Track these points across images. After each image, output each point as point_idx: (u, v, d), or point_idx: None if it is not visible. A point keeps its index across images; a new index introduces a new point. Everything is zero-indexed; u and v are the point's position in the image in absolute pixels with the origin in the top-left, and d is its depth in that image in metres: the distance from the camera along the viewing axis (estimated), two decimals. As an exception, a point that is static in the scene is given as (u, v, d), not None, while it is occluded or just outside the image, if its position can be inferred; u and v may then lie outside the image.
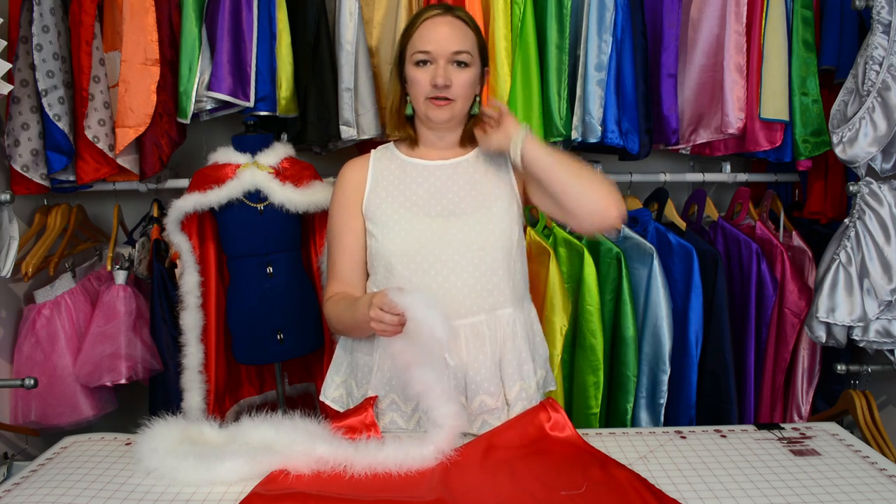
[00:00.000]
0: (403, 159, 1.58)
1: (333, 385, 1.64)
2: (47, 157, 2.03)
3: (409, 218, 1.50)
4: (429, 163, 1.57)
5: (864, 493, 1.23)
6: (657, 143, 2.25)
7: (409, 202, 1.52)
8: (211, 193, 1.89)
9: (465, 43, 1.48)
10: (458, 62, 1.47)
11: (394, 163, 1.59)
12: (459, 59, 1.47)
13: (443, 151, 1.58)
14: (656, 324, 2.11)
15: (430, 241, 1.48)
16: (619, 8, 2.11)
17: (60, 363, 2.12)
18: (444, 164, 1.57)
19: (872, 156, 1.92)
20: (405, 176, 1.56)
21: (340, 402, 1.63)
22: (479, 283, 1.48)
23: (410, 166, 1.57)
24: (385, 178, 1.57)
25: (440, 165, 1.56)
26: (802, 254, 2.27)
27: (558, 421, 1.44)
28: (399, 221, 1.51)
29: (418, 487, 1.23)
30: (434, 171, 1.56)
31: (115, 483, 1.28)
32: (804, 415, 2.25)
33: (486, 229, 1.49)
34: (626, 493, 1.21)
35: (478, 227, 1.49)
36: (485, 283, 1.49)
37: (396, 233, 1.50)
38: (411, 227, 1.50)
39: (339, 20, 2.14)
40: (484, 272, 1.48)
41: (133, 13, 1.98)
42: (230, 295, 2.00)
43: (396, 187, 1.55)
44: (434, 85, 1.46)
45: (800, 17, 2.17)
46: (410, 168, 1.57)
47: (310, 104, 2.15)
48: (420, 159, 1.58)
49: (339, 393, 1.63)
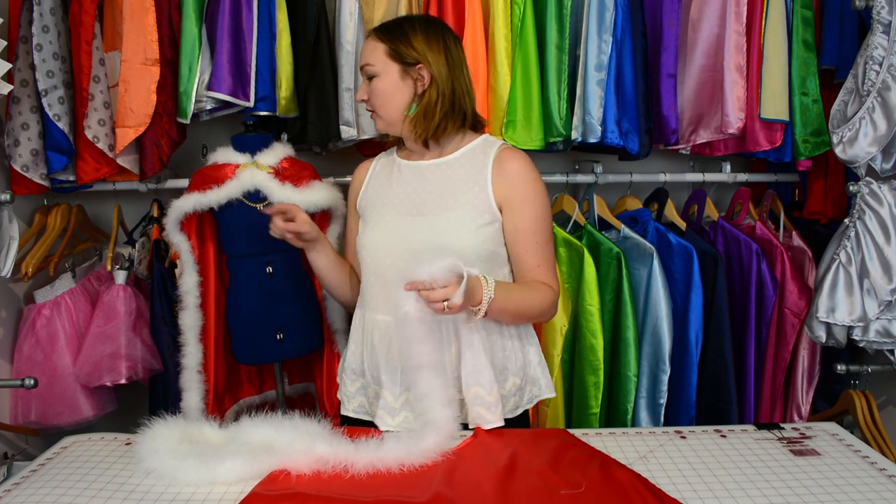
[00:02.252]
0: (396, 159, 1.65)
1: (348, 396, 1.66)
2: (47, 157, 2.03)
3: (384, 215, 1.58)
4: (409, 163, 1.62)
5: (864, 493, 1.23)
6: (657, 143, 2.25)
7: (388, 201, 1.59)
8: (210, 193, 1.89)
9: (370, 56, 1.54)
10: (368, 77, 1.56)
11: (389, 163, 1.66)
12: (367, 72, 1.55)
13: (422, 153, 1.60)
14: (656, 324, 2.11)
15: (396, 238, 1.54)
16: (619, 8, 2.11)
17: (60, 363, 2.12)
18: (421, 164, 1.60)
19: (872, 156, 1.92)
20: (392, 176, 1.63)
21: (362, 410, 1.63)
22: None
23: (397, 166, 1.63)
24: (378, 178, 1.66)
25: (417, 165, 1.60)
26: (802, 254, 2.27)
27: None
28: (375, 218, 1.59)
29: (418, 487, 1.23)
30: (413, 170, 1.60)
31: (115, 483, 1.28)
32: (804, 415, 2.25)
33: (446, 232, 1.50)
34: (626, 493, 1.21)
35: (439, 228, 1.51)
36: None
37: (371, 229, 1.59)
38: (384, 223, 1.57)
39: (339, 20, 2.14)
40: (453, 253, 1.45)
41: (133, 13, 1.98)
42: (230, 295, 2.00)
43: (383, 187, 1.63)
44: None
45: (800, 17, 2.17)
46: (396, 168, 1.63)
47: (310, 104, 2.15)
48: (405, 160, 1.63)
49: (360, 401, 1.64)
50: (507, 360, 1.54)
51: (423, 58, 1.51)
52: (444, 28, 1.58)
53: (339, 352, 2.04)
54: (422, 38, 1.52)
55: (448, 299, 1.30)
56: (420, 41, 1.52)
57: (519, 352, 1.57)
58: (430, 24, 1.57)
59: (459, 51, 1.58)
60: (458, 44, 1.59)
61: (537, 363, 1.61)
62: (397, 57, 1.52)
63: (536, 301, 1.51)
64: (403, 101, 1.54)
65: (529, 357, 1.59)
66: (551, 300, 1.53)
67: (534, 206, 1.52)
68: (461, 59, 1.57)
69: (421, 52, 1.51)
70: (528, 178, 1.53)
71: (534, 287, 1.52)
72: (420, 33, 1.53)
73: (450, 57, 1.54)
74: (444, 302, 1.31)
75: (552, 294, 1.53)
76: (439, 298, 1.30)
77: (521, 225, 1.52)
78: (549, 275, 1.54)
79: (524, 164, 1.53)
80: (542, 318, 1.58)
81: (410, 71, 1.53)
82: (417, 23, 1.56)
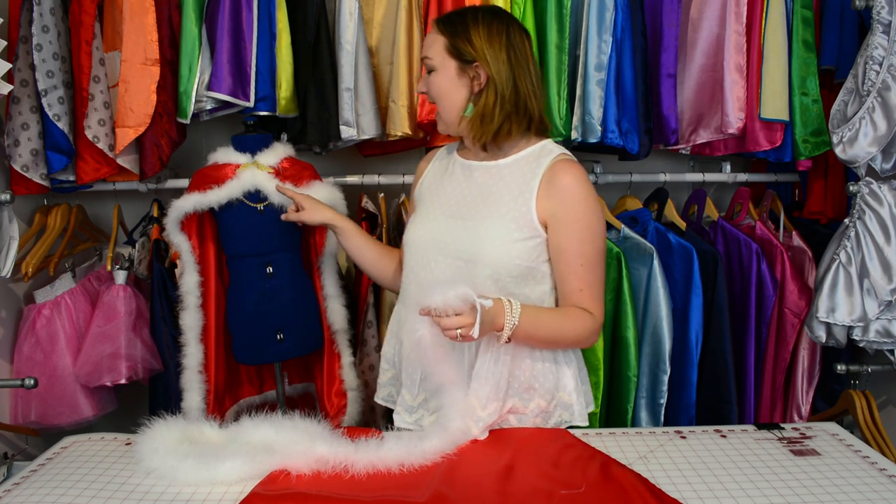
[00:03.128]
0: (454, 155, 1.60)
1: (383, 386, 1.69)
2: (47, 157, 2.03)
3: (430, 212, 1.56)
4: (463, 161, 1.57)
5: (864, 493, 1.23)
6: (657, 143, 2.25)
7: (437, 198, 1.56)
8: (211, 193, 1.88)
9: (430, 49, 1.48)
10: (427, 70, 1.50)
11: (449, 158, 1.62)
12: (426, 65, 1.50)
13: (477, 152, 1.54)
14: (656, 324, 2.11)
15: (434, 239, 1.51)
16: (618, 8, 2.11)
17: (60, 363, 2.12)
18: (472, 164, 1.54)
19: (872, 156, 1.91)
20: (446, 171, 1.59)
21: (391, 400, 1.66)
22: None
23: (453, 162, 1.59)
24: (435, 172, 1.62)
25: (469, 165, 1.54)
26: (802, 254, 2.27)
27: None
28: (422, 215, 1.58)
29: (419, 487, 1.23)
30: (464, 169, 1.55)
31: (115, 483, 1.28)
32: (804, 415, 2.25)
33: (480, 241, 1.44)
34: (626, 492, 1.21)
35: (474, 235, 1.46)
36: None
37: (414, 226, 1.57)
38: (427, 221, 1.55)
39: (339, 20, 2.14)
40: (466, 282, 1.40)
41: (133, 13, 1.98)
42: (230, 295, 2.00)
43: (437, 182, 1.59)
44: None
45: (800, 17, 2.17)
46: (452, 164, 1.59)
47: (310, 104, 2.15)
48: (460, 156, 1.58)
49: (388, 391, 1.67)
50: (534, 380, 1.47)
51: (480, 56, 1.42)
52: (510, 22, 1.47)
53: (339, 352, 2.04)
54: (483, 33, 1.42)
55: (462, 327, 1.27)
56: (480, 37, 1.42)
57: (551, 374, 1.49)
58: (495, 17, 1.46)
59: (525, 47, 1.47)
60: (524, 39, 1.47)
61: (573, 388, 1.51)
62: (455, 53, 1.44)
63: (569, 328, 1.43)
64: (459, 100, 1.46)
65: (564, 381, 1.50)
66: (589, 328, 1.44)
67: (582, 226, 1.42)
68: (527, 56, 1.46)
69: (479, 49, 1.42)
70: (578, 195, 1.42)
71: (569, 314, 1.44)
72: (482, 27, 1.43)
73: (512, 54, 1.43)
74: (457, 330, 1.27)
75: (591, 322, 1.44)
76: (452, 326, 1.27)
77: (566, 245, 1.42)
78: (591, 301, 1.44)
79: (576, 180, 1.42)
80: (579, 345, 1.50)
81: (467, 69, 1.44)
82: (482, 15, 1.46)
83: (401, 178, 2.30)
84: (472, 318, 1.27)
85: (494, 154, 1.51)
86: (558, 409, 1.51)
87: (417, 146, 2.42)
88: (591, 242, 1.43)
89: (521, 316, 1.35)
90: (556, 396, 1.50)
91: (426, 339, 1.33)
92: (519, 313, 1.35)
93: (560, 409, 1.51)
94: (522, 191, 1.45)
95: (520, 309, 1.36)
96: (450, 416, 1.38)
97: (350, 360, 2.05)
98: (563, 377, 1.50)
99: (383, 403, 1.68)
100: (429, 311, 1.29)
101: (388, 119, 2.19)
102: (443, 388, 1.39)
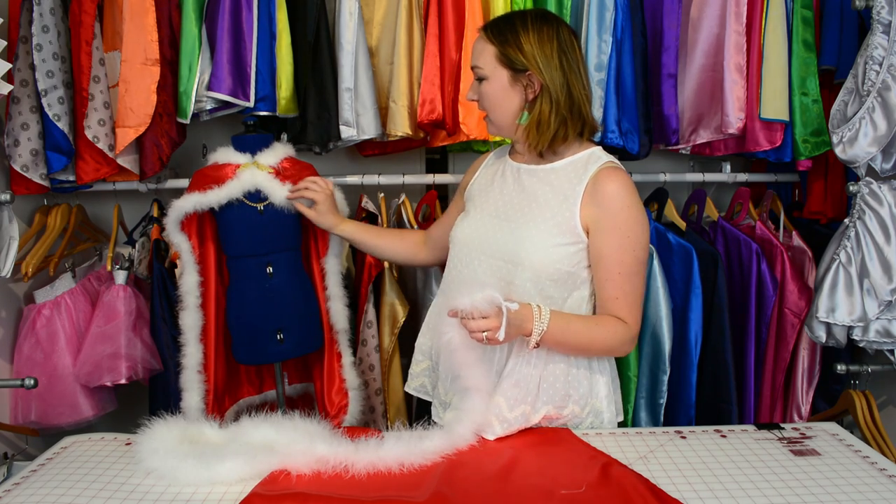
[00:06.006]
0: (505, 158, 1.62)
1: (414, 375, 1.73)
2: (47, 157, 2.03)
3: (478, 212, 1.57)
4: (513, 163, 1.58)
5: (864, 493, 1.23)
6: (657, 143, 2.25)
7: (486, 198, 1.58)
8: (211, 193, 1.88)
9: (480, 58, 1.48)
10: (477, 78, 1.50)
11: (501, 160, 1.63)
12: (476, 73, 1.50)
13: (526, 156, 1.55)
14: (656, 324, 2.10)
15: (479, 238, 1.53)
16: (619, 8, 2.11)
17: (60, 363, 2.12)
18: (521, 167, 1.55)
19: (872, 156, 1.91)
20: (497, 173, 1.60)
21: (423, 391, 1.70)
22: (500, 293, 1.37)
23: (504, 164, 1.60)
24: (488, 173, 1.64)
25: (518, 167, 1.55)
26: (802, 254, 2.27)
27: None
28: (472, 213, 1.59)
29: (419, 487, 1.23)
30: (514, 172, 1.56)
31: (115, 483, 1.28)
32: (804, 415, 2.25)
33: (522, 243, 1.45)
34: (627, 492, 1.21)
35: (516, 238, 1.46)
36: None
37: (463, 223, 1.59)
38: (475, 220, 1.57)
39: (339, 20, 2.14)
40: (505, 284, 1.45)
41: (133, 13, 1.98)
42: (230, 295, 2.00)
43: (488, 182, 1.61)
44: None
45: (800, 17, 2.17)
46: (503, 165, 1.60)
47: (310, 104, 2.15)
48: (511, 159, 1.60)
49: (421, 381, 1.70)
50: (569, 386, 1.48)
51: (532, 64, 1.41)
52: (559, 24, 1.45)
53: (340, 351, 2.04)
54: (534, 39, 1.41)
55: (488, 330, 1.29)
56: (531, 44, 1.40)
57: (585, 381, 1.50)
58: (544, 22, 1.44)
59: (576, 50, 1.45)
60: (574, 40, 1.46)
61: (605, 395, 1.52)
62: (506, 62, 1.43)
63: (600, 337, 1.43)
64: (513, 108, 1.46)
65: (597, 388, 1.52)
66: (622, 337, 1.44)
67: (622, 234, 1.41)
68: (577, 59, 1.45)
69: (531, 57, 1.41)
70: (621, 203, 1.42)
71: (602, 322, 1.44)
72: (533, 34, 1.41)
73: (564, 60, 1.42)
74: (483, 333, 1.29)
75: (625, 331, 1.43)
76: (478, 329, 1.29)
77: (606, 252, 1.42)
78: (626, 310, 1.43)
79: (620, 188, 1.42)
80: (612, 354, 1.51)
81: (520, 77, 1.43)
82: (531, 21, 1.44)
83: (401, 178, 2.30)
84: (498, 322, 1.29)
85: (548, 158, 1.51)
86: (590, 415, 1.52)
87: (417, 146, 2.42)
88: (632, 251, 1.42)
89: (550, 322, 1.37)
90: (590, 403, 1.52)
91: (455, 341, 1.35)
92: (548, 319, 1.36)
93: (592, 415, 1.53)
94: (567, 196, 1.45)
95: (549, 315, 1.37)
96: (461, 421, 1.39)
97: (351, 360, 2.05)
98: (597, 384, 1.52)
99: (415, 394, 1.71)
100: (456, 312, 1.32)
101: (388, 119, 2.19)
102: (467, 393, 1.40)
